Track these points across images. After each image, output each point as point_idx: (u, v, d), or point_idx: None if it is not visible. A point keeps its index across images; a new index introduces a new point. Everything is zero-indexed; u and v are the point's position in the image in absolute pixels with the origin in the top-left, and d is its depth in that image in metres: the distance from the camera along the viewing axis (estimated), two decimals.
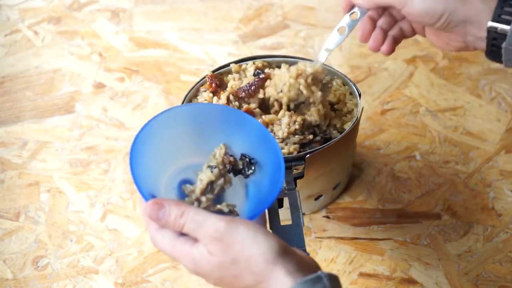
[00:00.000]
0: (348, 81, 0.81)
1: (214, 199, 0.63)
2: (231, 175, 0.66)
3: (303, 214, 0.80)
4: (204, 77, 0.81)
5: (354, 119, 0.77)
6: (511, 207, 0.85)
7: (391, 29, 0.77)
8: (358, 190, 0.89)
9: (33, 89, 1.03)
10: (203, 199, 0.62)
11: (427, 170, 0.90)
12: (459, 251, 0.81)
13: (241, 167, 0.66)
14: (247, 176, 0.66)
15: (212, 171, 0.64)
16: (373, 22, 0.77)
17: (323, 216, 0.86)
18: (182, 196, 0.63)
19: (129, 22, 1.13)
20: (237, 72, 0.82)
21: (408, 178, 0.89)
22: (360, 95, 0.79)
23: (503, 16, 0.64)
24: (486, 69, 1.02)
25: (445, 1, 0.67)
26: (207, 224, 0.55)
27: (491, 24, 0.65)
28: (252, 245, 0.55)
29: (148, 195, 0.59)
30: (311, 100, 0.75)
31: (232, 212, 0.62)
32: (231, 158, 0.65)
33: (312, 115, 0.75)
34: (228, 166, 0.65)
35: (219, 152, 0.65)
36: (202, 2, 1.16)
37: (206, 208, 0.62)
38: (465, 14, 0.67)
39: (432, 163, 0.91)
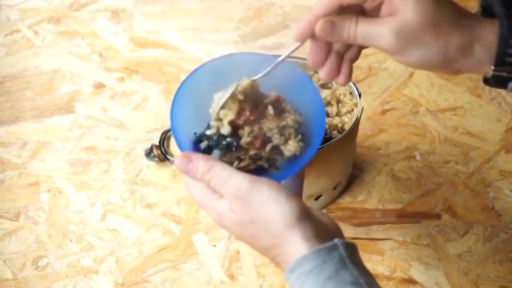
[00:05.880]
0: None
1: (256, 154, 0.61)
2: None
3: None
4: None
5: (354, 119, 0.77)
6: (511, 207, 0.85)
7: (349, 49, 0.62)
8: (358, 190, 0.89)
9: (33, 89, 1.03)
10: (244, 157, 0.61)
11: (427, 170, 0.90)
12: (459, 251, 0.81)
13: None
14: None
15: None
16: (328, 45, 0.62)
17: None
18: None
19: (129, 22, 1.13)
20: None
21: (408, 178, 0.89)
22: (360, 95, 0.78)
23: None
24: None
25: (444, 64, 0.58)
26: (231, 181, 0.56)
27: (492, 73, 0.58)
28: (272, 207, 0.54)
29: (186, 145, 0.59)
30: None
31: (272, 166, 0.61)
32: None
33: None
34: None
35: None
36: (202, 2, 1.16)
37: (247, 166, 0.61)
38: (466, 69, 0.59)
39: (432, 163, 0.91)
